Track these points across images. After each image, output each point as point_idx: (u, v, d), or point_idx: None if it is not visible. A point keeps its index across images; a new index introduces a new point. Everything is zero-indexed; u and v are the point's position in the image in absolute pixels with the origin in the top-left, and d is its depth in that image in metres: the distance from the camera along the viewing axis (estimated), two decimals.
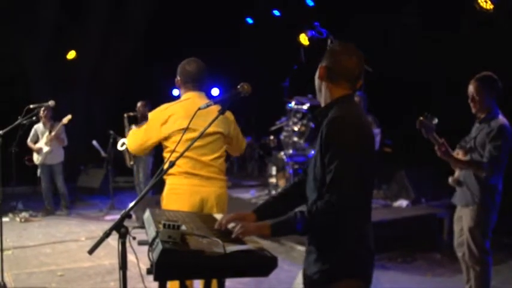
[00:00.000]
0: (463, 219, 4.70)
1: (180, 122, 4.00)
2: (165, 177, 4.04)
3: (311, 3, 11.46)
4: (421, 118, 4.47)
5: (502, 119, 4.52)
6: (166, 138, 4.05)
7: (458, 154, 4.66)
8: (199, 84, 4.28)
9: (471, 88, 4.58)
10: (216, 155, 4.19)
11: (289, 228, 2.59)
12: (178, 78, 4.28)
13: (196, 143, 3.25)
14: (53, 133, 9.62)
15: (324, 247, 2.62)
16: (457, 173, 4.77)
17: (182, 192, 4.02)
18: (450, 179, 4.83)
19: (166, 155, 4.07)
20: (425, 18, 9.06)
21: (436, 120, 4.46)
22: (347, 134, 2.53)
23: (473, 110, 4.64)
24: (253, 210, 2.93)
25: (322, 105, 2.77)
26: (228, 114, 4.24)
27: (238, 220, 2.76)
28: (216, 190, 4.17)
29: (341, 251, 2.59)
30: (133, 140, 4.22)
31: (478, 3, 7.47)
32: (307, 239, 2.74)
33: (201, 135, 2.94)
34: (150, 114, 4.16)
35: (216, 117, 2.93)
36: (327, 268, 2.60)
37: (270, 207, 2.96)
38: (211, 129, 3.88)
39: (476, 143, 4.55)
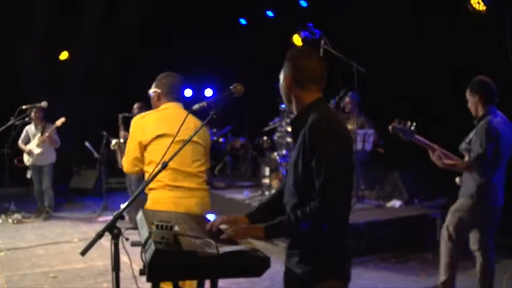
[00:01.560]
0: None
1: (158, 128, 4.01)
2: (146, 191, 3.97)
3: (304, 4, 11.48)
4: (393, 124, 4.85)
5: (491, 118, 4.74)
6: (145, 147, 4.02)
7: (465, 157, 4.91)
8: (179, 96, 4.35)
9: (466, 95, 4.92)
10: (196, 164, 4.15)
11: (283, 230, 2.64)
12: (158, 90, 4.28)
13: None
14: (46, 134, 9.55)
15: (309, 249, 2.66)
16: (464, 174, 5.00)
17: (166, 203, 3.93)
18: (457, 179, 5.08)
19: (147, 168, 4.05)
20: (420, 18, 9.06)
21: (409, 124, 4.80)
22: (332, 138, 2.58)
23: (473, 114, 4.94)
24: (246, 214, 2.96)
25: (295, 113, 2.81)
26: (204, 127, 4.12)
27: (231, 222, 2.79)
28: (198, 201, 4.14)
29: (325, 252, 2.63)
30: (124, 161, 4.16)
31: (471, 4, 7.49)
32: (290, 240, 2.77)
33: (187, 142, 2.91)
34: (130, 128, 4.14)
35: (209, 118, 2.92)
36: (310, 269, 2.65)
37: (262, 212, 3.00)
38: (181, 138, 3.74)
39: (471, 144, 4.78)
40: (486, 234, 4.97)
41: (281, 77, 2.83)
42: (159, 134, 3.99)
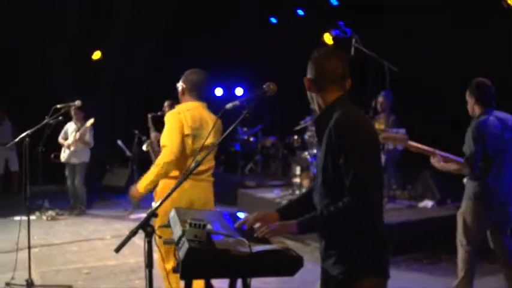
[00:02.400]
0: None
1: (191, 128, 4.40)
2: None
3: (335, 3, 11.42)
4: (382, 135, 5.05)
5: (481, 119, 4.79)
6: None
7: None
8: (202, 93, 4.64)
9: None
10: (207, 166, 4.58)
11: (316, 226, 2.64)
12: (183, 85, 4.62)
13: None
14: (77, 135, 9.68)
15: (345, 247, 2.65)
16: None
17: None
18: (464, 180, 5.09)
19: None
20: (453, 17, 8.95)
21: (400, 130, 5.16)
22: (358, 133, 2.59)
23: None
24: (276, 209, 2.97)
25: (318, 112, 2.82)
26: (219, 122, 4.56)
27: (262, 219, 2.80)
28: (202, 192, 4.56)
29: (362, 250, 2.62)
30: (169, 151, 4.31)
31: (506, 1, 7.36)
32: (325, 240, 2.75)
33: (216, 145, 2.96)
34: (169, 122, 4.43)
35: (242, 117, 2.92)
36: (349, 268, 2.64)
37: (293, 207, 3.02)
38: (209, 141, 4.30)
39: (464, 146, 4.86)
40: (499, 233, 4.93)
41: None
42: (190, 134, 4.35)
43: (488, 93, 4.88)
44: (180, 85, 4.64)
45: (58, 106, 5.93)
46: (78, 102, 6.22)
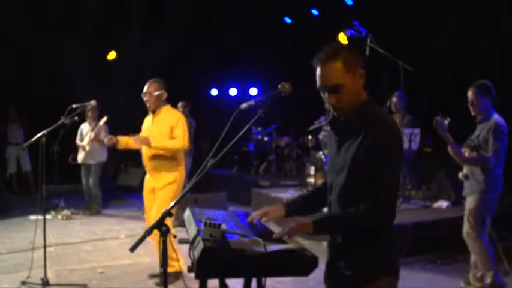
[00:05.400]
0: (465, 205, 5.48)
1: None
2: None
3: (350, 2, 11.38)
4: (437, 118, 5.24)
5: (496, 117, 5.24)
6: None
7: (466, 151, 5.35)
8: None
9: (470, 94, 5.29)
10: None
11: (333, 226, 2.62)
12: (165, 93, 5.97)
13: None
14: (91, 135, 9.72)
15: (361, 247, 2.62)
16: (465, 168, 5.44)
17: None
18: (460, 174, 5.50)
19: None
20: (468, 17, 8.89)
21: (448, 120, 5.23)
22: (394, 138, 2.59)
23: (473, 113, 5.34)
24: (282, 203, 2.97)
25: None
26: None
27: (267, 213, 2.85)
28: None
29: (377, 250, 2.62)
30: (184, 140, 5.87)
31: None
32: (338, 239, 2.73)
33: (231, 144, 2.99)
34: (181, 116, 6.05)
35: (257, 117, 2.91)
36: (364, 268, 2.62)
37: (300, 203, 3.01)
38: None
39: (480, 141, 5.24)
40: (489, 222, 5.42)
41: None
42: None
43: (494, 94, 5.28)
44: (162, 92, 5.93)
45: (73, 106, 5.97)
46: (93, 102, 6.26)
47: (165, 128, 5.89)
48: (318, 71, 2.64)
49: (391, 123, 2.63)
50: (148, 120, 6.13)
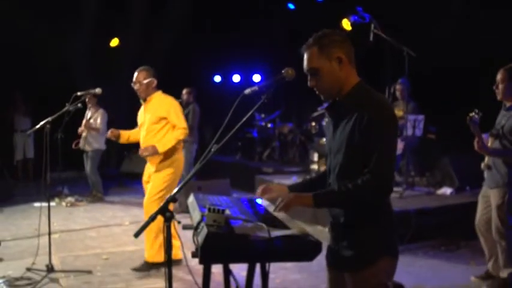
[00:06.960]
0: (491, 198, 5.15)
1: None
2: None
3: None
4: (471, 114, 4.75)
5: None
6: None
7: (490, 141, 5.07)
8: None
9: (498, 76, 4.96)
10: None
11: (333, 200, 2.64)
12: (154, 80, 5.97)
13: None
14: (84, 121, 9.78)
15: (361, 228, 2.65)
16: (486, 158, 5.18)
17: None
18: (482, 165, 5.23)
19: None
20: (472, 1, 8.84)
21: (480, 114, 4.78)
22: (390, 119, 2.62)
23: (498, 97, 5.03)
24: (287, 185, 2.97)
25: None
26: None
27: (270, 189, 2.85)
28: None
29: (377, 230, 2.65)
30: (185, 126, 5.89)
31: None
32: (339, 221, 2.74)
33: (236, 129, 2.99)
34: (172, 101, 6.06)
35: (260, 102, 2.91)
36: (365, 249, 2.64)
37: (305, 185, 3.03)
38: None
39: (505, 130, 4.92)
40: None
41: None
42: None
43: None
44: (152, 80, 5.92)
45: (78, 93, 5.97)
46: (98, 90, 6.27)
47: (153, 116, 5.90)
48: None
49: (384, 102, 2.68)
50: (141, 110, 6.14)
